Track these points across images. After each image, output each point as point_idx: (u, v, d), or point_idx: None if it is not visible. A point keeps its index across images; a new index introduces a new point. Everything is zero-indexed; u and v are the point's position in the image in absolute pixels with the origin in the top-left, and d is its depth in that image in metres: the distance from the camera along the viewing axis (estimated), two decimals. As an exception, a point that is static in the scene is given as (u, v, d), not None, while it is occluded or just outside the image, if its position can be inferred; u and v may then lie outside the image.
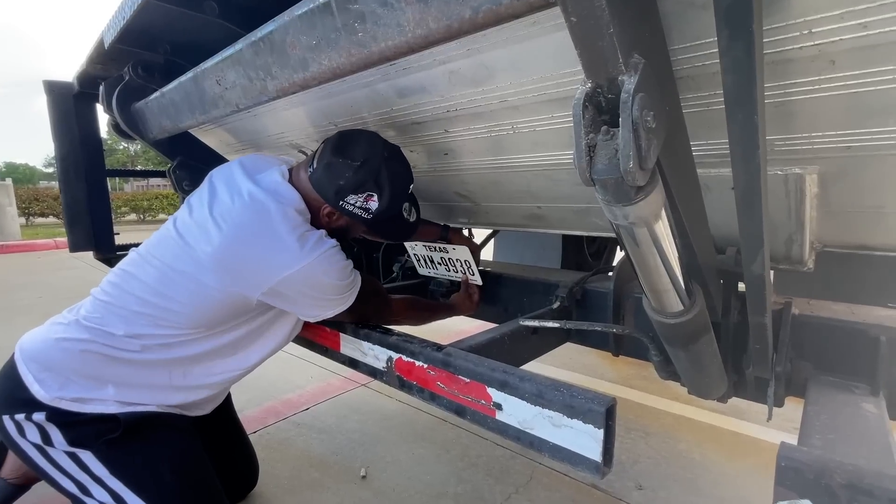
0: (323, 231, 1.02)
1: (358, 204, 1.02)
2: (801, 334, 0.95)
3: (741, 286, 0.88)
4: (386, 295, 1.18)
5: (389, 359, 0.97)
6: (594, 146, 0.45)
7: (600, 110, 0.45)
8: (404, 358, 0.94)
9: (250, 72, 0.80)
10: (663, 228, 0.54)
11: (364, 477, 1.61)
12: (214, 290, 0.97)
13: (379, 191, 1.02)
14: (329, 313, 1.04)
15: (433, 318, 1.34)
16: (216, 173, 1.12)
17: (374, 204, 1.03)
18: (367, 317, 1.10)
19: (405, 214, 1.15)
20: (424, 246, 1.48)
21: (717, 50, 0.44)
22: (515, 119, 0.85)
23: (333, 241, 1.01)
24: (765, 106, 0.47)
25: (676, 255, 0.60)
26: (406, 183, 1.09)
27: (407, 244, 1.53)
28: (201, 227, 1.00)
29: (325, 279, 0.99)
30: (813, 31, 0.48)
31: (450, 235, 1.43)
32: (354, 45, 0.59)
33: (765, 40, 0.47)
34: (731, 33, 0.41)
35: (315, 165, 1.03)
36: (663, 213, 0.53)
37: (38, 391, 0.95)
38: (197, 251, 0.98)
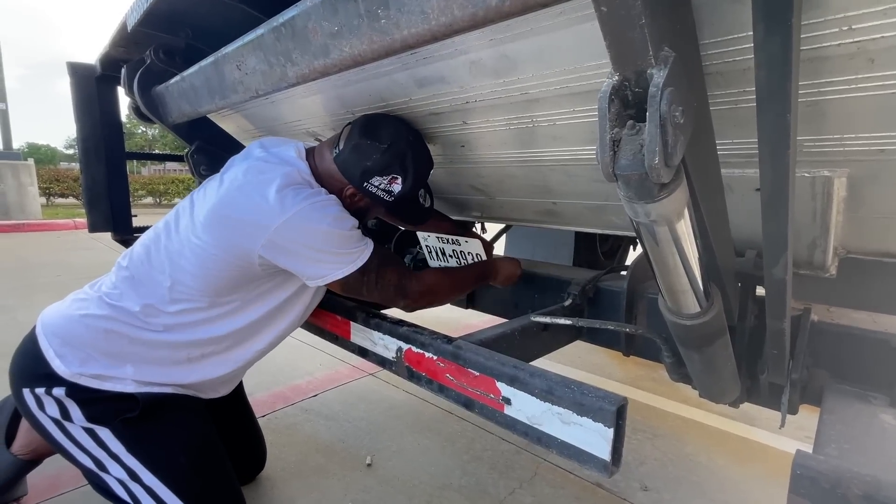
0: (323, 189, 1.02)
1: (382, 186, 1.03)
2: (819, 342, 0.93)
3: (759, 290, 0.86)
4: (409, 268, 1.15)
5: (399, 349, 0.98)
6: (618, 141, 0.44)
7: (626, 104, 0.44)
8: (414, 349, 0.94)
9: (271, 57, 0.80)
10: (685, 228, 0.53)
11: (370, 465, 1.62)
12: (214, 247, 0.97)
13: (404, 174, 1.03)
14: (338, 273, 0.97)
15: (468, 283, 1.23)
16: (237, 155, 1.15)
17: (397, 187, 1.04)
18: (388, 286, 1.02)
19: (420, 199, 1.17)
20: (437, 238, 1.48)
21: (749, 45, 0.42)
22: (535, 112, 0.84)
23: (333, 196, 1.01)
24: (798, 105, 0.46)
25: (696, 255, 0.59)
26: (428, 167, 1.10)
27: (420, 236, 1.54)
28: (209, 191, 1.03)
29: (323, 226, 0.95)
30: (853, 27, 0.46)
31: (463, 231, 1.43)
32: (376, 33, 0.58)
33: (801, 36, 0.46)
34: (767, 27, 0.40)
35: (341, 147, 1.03)
36: (686, 211, 0.52)
37: (58, 366, 0.97)
38: (198, 213, 1.01)
